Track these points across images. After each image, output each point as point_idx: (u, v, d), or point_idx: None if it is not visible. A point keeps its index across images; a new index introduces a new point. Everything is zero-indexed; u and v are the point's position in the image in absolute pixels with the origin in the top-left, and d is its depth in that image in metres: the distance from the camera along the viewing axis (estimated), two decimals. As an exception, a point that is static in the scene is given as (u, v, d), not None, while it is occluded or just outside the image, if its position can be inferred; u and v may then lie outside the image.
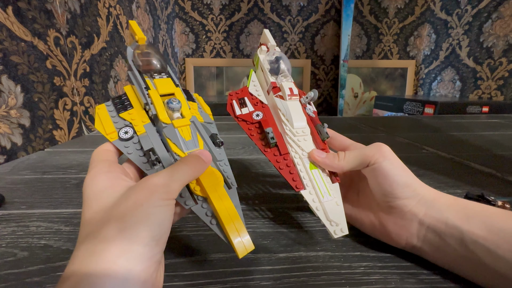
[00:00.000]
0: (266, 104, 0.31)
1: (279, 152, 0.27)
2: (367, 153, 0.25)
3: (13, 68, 0.55)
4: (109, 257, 0.15)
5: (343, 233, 0.23)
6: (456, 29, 1.75)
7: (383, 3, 1.91)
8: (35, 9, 0.60)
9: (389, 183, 0.23)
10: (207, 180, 0.20)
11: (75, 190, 0.38)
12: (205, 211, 0.20)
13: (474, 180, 0.43)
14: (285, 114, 0.28)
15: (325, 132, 0.28)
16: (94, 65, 0.83)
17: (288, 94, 0.29)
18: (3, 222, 0.30)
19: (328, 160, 0.26)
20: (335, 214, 0.24)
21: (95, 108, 0.22)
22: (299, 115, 0.28)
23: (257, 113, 0.29)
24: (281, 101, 0.29)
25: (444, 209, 0.22)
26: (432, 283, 0.21)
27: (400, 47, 2.00)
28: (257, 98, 0.31)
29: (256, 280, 0.21)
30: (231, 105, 0.30)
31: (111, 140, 0.21)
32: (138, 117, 0.22)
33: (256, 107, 0.30)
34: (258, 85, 0.32)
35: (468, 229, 0.20)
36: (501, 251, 0.18)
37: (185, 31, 1.84)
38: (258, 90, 0.32)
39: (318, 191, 0.25)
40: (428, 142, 0.67)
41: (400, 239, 0.23)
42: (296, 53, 1.93)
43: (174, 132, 0.21)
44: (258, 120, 0.29)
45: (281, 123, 0.28)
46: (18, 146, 0.56)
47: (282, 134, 0.28)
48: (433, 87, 1.94)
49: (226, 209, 0.20)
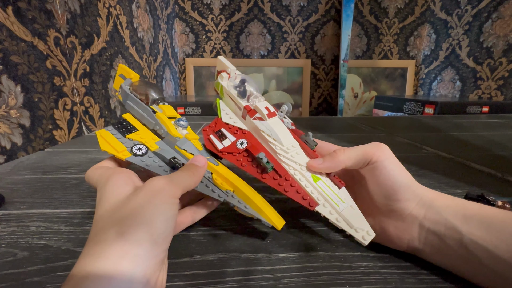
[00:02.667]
0: (245, 129, 0.29)
1: (278, 175, 0.25)
2: (367, 150, 0.24)
3: (13, 68, 0.55)
4: (110, 259, 0.15)
5: (370, 236, 0.22)
6: (456, 29, 1.75)
7: (383, 3, 1.91)
8: (35, 9, 0.60)
9: (390, 183, 0.23)
10: (230, 176, 0.24)
11: (75, 190, 0.38)
12: (237, 200, 0.23)
13: (474, 180, 0.43)
14: (270, 134, 0.27)
15: (312, 141, 0.28)
16: (94, 65, 0.83)
17: (267, 113, 0.28)
18: (3, 222, 0.30)
19: (328, 162, 0.25)
20: (356, 219, 0.23)
21: (96, 133, 0.24)
22: (285, 131, 0.27)
23: (241, 141, 0.28)
24: (261, 122, 0.28)
25: (443, 210, 0.22)
26: (432, 283, 0.21)
27: (400, 47, 2.00)
28: (234, 126, 0.29)
29: (256, 280, 0.21)
30: (209, 141, 0.28)
31: (124, 158, 0.23)
32: (146, 137, 0.25)
33: (237, 135, 0.28)
34: (230, 112, 0.31)
35: (467, 230, 0.20)
36: (499, 251, 0.18)
37: (185, 31, 1.84)
38: (233, 118, 0.30)
39: (331, 202, 0.24)
40: (428, 142, 0.67)
41: (402, 242, 0.23)
42: (296, 53, 1.94)
43: (188, 144, 0.24)
44: (244, 148, 0.27)
45: (269, 144, 0.27)
46: (18, 146, 0.56)
47: (274, 155, 0.27)
48: (433, 87, 1.94)
49: (254, 194, 0.23)
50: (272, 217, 0.22)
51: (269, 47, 1.91)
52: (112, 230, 0.17)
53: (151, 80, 1.36)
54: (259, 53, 1.92)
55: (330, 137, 0.74)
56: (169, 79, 1.68)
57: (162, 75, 1.55)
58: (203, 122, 0.97)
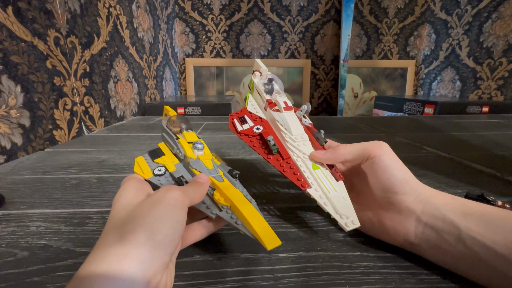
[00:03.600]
0: (264, 118, 0.33)
1: (281, 157, 0.28)
2: (367, 146, 0.25)
3: (13, 68, 0.55)
4: (108, 261, 0.15)
5: (354, 225, 0.24)
6: (456, 29, 1.75)
7: (383, 3, 1.91)
8: (35, 9, 0.60)
9: (387, 176, 0.24)
10: (229, 192, 0.24)
11: (75, 190, 0.38)
12: (230, 215, 0.23)
13: (474, 180, 0.43)
14: (283, 124, 0.30)
15: (322, 138, 0.30)
16: (94, 65, 0.83)
17: (283, 106, 0.31)
18: (3, 222, 0.30)
19: (330, 154, 0.27)
20: (344, 207, 0.25)
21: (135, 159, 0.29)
22: (296, 123, 0.31)
23: (257, 127, 0.32)
24: (278, 113, 0.31)
25: (441, 206, 0.22)
26: (432, 283, 0.21)
27: (400, 47, 2.00)
28: (256, 114, 0.34)
29: (256, 280, 0.21)
30: (232, 124, 0.33)
31: (147, 178, 0.27)
32: (169, 160, 0.29)
33: (256, 122, 0.33)
34: (255, 104, 0.36)
35: (465, 226, 0.20)
36: (498, 247, 0.18)
37: (185, 31, 1.84)
38: (256, 109, 0.35)
39: (324, 188, 0.26)
40: (428, 142, 0.67)
41: (398, 236, 0.23)
42: (296, 53, 1.94)
43: (199, 163, 0.27)
44: (259, 132, 0.31)
45: (280, 132, 0.30)
46: (18, 146, 0.56)
47: (282, 142, 0.30)
48: (433, 87, 1.94)
49: (249, 210, 0.22)
50: (262, 235, 0.21)
51: (269, 47, 1.91)
52: (115, 232, 0.17)
53: (151, 80, 1.36)
54: (259, 53, 1.92)
55: (330, 137, 0.73)
56: (169, 79, 1.68)
57: (162, 75, 1.55)
58: (203, 122, 0.97)
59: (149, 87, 1.33)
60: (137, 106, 1.18)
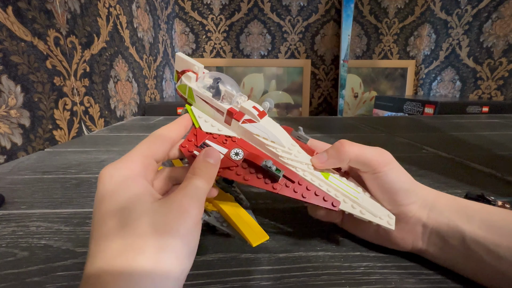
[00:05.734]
0: (235, 136, 0.25)
1: (290, 181, 0.23)
2: (369, 157, 0.23)
3: (13, 68, 0.55)
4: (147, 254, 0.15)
5: (392, 219, 0.22)
6: (456, 29, 1.75)
7: (383, 3, 1.91)
8: (35, 9, 0.60)
9: (395, 191, 0.23)
10: (217, 197, 0.23)
11: (75, 190, 0.38)
12: (217, 219, 0.23)
13: (474, 180, 0.43)
14: (267, 137, 0.24)
15: (305, 136, 0.27)
16: (94, 65, 0.83)
17: (257, 113, 0.24)
18: (3, 222, 0.30)
19: (334, 157, 0.23)
20: (375, 207, 0.23)
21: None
22: (281, 131, 0.25)
23: (235, 152, 0.23)
24: (252, 125, 0.24)
25: (445, 210, 0.22)
26: (432, 283, 0.21)
27: (400, 47, 2.00)
28: (220, 134, 0.25)
29: (256, 280, 0.21)
30: (192, 158, 0.23)
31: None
32: None
33: (228, 145, 0.24)
34: (209, 119, 0.26)
35: (469, 229, 0.20)
36: (501, 249, 0.19)
37: (185, 31, 1.84)
38: (215, 125, 0.25)
39: (349, 196, 0.23)
40: (428, 142, 0.67)
41: (406, 244, 0.23)
42: (296, 53, 1.93)
43: None
44: (241, 159, 0.23)
45: (267, 148, 0.24)
46: (18, 146, 0.56)
47: (276, 159, 0.24)
48: (433, 87, 1.94)
49: (235, 210, 0.22)
50: (246, 232, 0.20)
51: (269, 47, 1.91)
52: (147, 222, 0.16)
53: (151, 80, 1.36)
54: (259, 53, 1.92)
55: (330, 137, 0.74)
56: (169, 79, 1.68)
57: (162, 75, 1.55)
58: (203, 122, 0.96)
59: (149, 87, 1.33)
60: (137, 106, 1.18)
